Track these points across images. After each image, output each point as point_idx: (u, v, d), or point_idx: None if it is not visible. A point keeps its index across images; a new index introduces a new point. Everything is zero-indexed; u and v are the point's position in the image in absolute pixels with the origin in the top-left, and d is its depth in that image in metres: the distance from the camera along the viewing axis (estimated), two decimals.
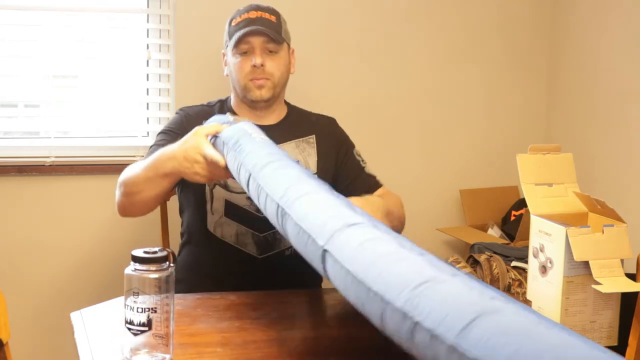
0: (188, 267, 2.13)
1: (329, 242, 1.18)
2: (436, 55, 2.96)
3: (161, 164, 1.81)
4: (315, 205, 1.31)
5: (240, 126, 1.73)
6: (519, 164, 1.86)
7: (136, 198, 1.91)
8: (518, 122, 3.08)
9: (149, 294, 1.35)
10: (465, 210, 2.95)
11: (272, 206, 1.40)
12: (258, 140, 1.64)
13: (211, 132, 1.76)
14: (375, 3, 2.86)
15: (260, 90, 2.10)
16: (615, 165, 2.75)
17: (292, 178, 1.43)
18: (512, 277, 2.30)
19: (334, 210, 1.27)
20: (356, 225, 1.18)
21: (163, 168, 1.80)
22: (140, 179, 1.87)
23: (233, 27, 2.13)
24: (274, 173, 1.47)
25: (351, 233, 1.18)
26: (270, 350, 1.48)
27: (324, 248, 1.18)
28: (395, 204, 2.09)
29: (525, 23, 3.05)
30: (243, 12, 2.14)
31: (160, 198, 1.94)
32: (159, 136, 2.13)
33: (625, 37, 2.70)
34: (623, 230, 1.72)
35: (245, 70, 2.09)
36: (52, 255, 2.61)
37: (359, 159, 2.21)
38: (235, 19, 2.14)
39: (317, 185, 1.41)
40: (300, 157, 2.14)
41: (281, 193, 1.38)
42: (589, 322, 1.73)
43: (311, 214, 1.28)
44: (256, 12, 2.12)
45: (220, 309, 1.72)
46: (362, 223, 1.19)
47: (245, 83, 2.10)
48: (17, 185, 2.56)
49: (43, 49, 2.56)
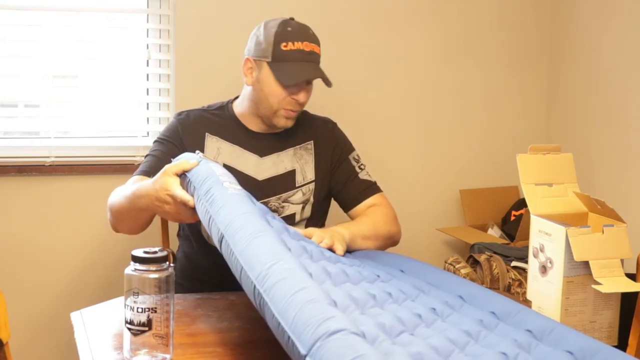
0: (184, 272, 2.13)
1: (311, 352, 1.13)
2: (436, 56, 2.96)
3: (137, 199, 1.82)
4: (293, 293, 1.24)
5: (210, 168, 1.69)
6: (519, 164, 1.86)
7: (122, 223, 1.97)
8: (518, 122, 3.08)
9: (149, 294, 1.35)
10: (465, 210, 2.95)
11: (248, 282, 1.34)
12: (230, 192, 1.59)
13: (179, 170, 1.73)
14: (376, 3, 2.86)
15: (288, 120, 2.08)
16: (615, 165, 2.75)
17: (267, 253, 1.36)
18: (512, 277, 2.30)
19: (313, 306, 1.20)
20: (339, 333, 1.13)
21: (139, 204, 1.82)
22: (122, 208, 1.91)
23: (283, 52, 2.02)
24: (250, 243, 1.40)
25: (333, 345, 1.12)
26: (270, 350, 1.48)
27: (305, 358, 1.13)
28: (378, 221, 2.07)
29: (525, 23, 3.05)
30: (295, 39, 2.04)
31: (144, 225, 1.97)
32: (154, 145, 2.12)
33: (625, 37, 2.70)
34: (623, 230, 1.72)
35: (285, 99, 2.04)
36: (52, 255, 2.61)
37: (355, 164, 2.19)
38: (285, 43, 2.03)
39: (292, 258, 1.36)
40: (297, 165, 2.13)
41: (258, 272, 1.32)
42: (589, 322, 1.73)
43: (291, 309, 1.21)
44: (310, 43, 2.06)
45: (220, 309, 1.72)
46: (343, 330, 1.14)
47: (278, 109, 2.06)
48: (17, 185, 2.56)
49: (43, 49, 2.56)
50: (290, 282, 1.27)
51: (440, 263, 2.52)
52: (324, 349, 1.11)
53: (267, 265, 1.32)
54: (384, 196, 2.17)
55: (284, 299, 1.24)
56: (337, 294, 1.41)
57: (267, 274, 1.30)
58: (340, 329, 1.14)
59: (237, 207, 1.54)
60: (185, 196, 1.68)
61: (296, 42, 2.03)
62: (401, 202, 2.56)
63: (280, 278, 1.28)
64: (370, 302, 1.46)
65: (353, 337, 1.13)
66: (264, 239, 1.41)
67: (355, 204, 2.15)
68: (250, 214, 1.51)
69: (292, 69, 2.02)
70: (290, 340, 1.18)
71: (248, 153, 2.11)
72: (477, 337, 1.39)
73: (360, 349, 1.10)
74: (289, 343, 1.19)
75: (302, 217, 2.12)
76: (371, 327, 1.32)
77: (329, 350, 1.11)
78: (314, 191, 2.13)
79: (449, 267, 2.40)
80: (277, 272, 1.30)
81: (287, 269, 1.31)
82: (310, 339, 1.14)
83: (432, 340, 1.32)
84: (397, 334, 1.34)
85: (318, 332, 1.14)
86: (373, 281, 1.61)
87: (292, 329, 1.18)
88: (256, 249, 1.38)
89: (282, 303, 1.23)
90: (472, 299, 1.56)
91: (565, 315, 1.70)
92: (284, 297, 1.24)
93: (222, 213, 1.51)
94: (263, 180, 2.09)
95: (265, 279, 1.29)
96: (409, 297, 1.55)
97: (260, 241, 1.40)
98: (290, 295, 1.23)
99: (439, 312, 1.48)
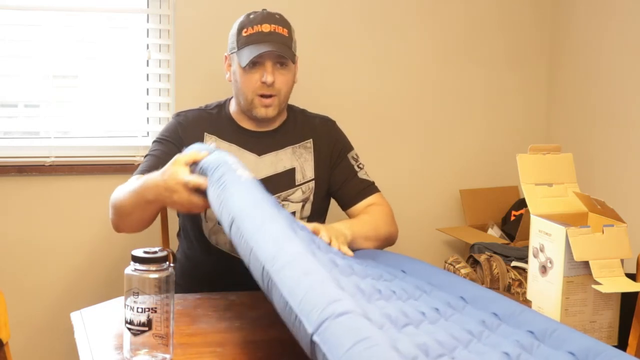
0: (184, 272, 2.13)
1: (318, 331, 1.13)
2: (436, 55, 2.96)
3: (145, 191, 1.81)
4: (303, 275, 1.25)
5: (223, 157, 1.69)
6: (519, 164, 1.86)
7: (126, 219, 1.93)
8: (518, 122, 3.08)
9: (149, 294, 1.35)
10: (465, 210, 2.95)
11: (257, 264, 1.34)
12: (243, 179, 1.60)
13: (190, 160, 1.73)
14: (376, 3, 2.86)
15: (266, 109, 2.07)
16: (615, 165, 2.75)
17: (278, 236, 1.37)
18: (512, 277, 2.30)
19: (322, 288, 1.22)
20: (348, 315, 1.14)
21: (146, 196, 1.81)
22: (127, 202, 1.88)
23: (244, 38, 2.06)
24: (261, 227, 1.41)
25: (340, 326, 1.12)
26: (270, 350, 1.48)
27: (312, 337, 1.14)
28: (379, 221, 2.08)
29: (525, 23, 3.05)
30: (255, 23, 2.06)
31: (149, 220, 1.94)
32: (153, 145, 2.12)
33: (625, 37, 2.70)
34: (623, 230, 1.72)
35: (254, 84, 2.05)
36: (52, 255, 2.61)
37: (354, 162, 2.19)
38: (246, 29, 2.06)
39: (302, 243, 1.37)
40: (297, 163, 2.13)
41: (268, 254, 1.33)
42: (589, 322, 1.73)
43: (300, 289, 1.22)
44: (269, 25, 2.06)
45: (220, 309, 1.72)
46: (352, 312, 1.14)
47: (252, 98, 2.06)
48: (17, 185, 2.56)
49: (43, 49, 2.56)
50: (300, 264, 1.28)
51: (440, 263, 2.52)
52: (331, 329, 1.12)
53: (277, 247, 1.33)
54: (382, 196, 2.17)
55: (293, 279, 1.25)
56: (345, 282, 1.42)
57: (276, 255, 1.31)
58: (349, 310, 1.14)
59: (249, 193, 1.55)
60: (199, 179, 1.67)
61: (255, 26, 2.06)
62: (401, 202, 2.56)
63: (291, 259, 1.29)
64: (376, 295, 1.47)
65: (361, 320, 1.14)
66: (275, 224, 1.42)
67: (354, 203, 2.15)
68: (262, 201, 1.53)
69: (250, 50, 2.04)
70: (297, 319, 1.19)
71: (246, 152, 2.11)
72: (480, 336, 1.39)
73: (367, 331, 1.11)
74: (296, 322, 1.19)
75: (302, 216, 2.12)
76: (378, 315, 1.33)
77: (337, 331, 1.11)
78: (313, 189, 2.13)
79: (449, 267, 2.40)
80: (288, 254, 1.31)
81: (298, 252, 1.32)
82: (317, 319, 1.14)
83: (437, 335, 1.33)
84: (403, 326, 1.34)
85: (326, 312, 1.14)
86: (378, 279, 1.62)
87: (300, 308, 1.19)
88: (267, 232, 1.39)
89: (291, 283, 1.24)
90: (474, 300, 1.56)
91: (565, 315, 1.70)
92: (293, 278, 1.25)
93: (234, 198, 1.52)
94: (262, 179, 2.09)
95: (274, 260, 1.30)
96: (412, 297, 1.56)
97: (272, 226, 1.41)
98: (299, 277, 1.24)
99: (441, 312, 1.49)
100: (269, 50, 2.02)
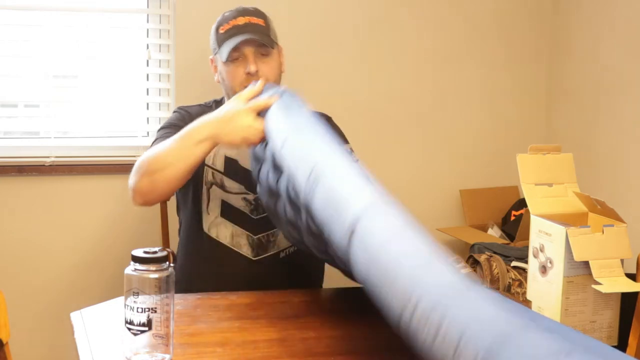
0: (184, 272, 2.13)
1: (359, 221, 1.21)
2: (436, 55, 2.96)
3: (194, 133, 1.82)
4: (348, 177, 1.36)
5: (297, 100, 1.75)
6: (519, 164, 1.86)
7: (160, 176, 1.84)
8: (518, 122, 3.08)
9: (149, 294, 1.35)
10: (465, 210, 2.95)
11: (305, 168, 1.42)
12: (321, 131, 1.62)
13: (257, 107, 1.78)
14: (376, 3, 2.86)
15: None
16: (615, 165, 2.75)
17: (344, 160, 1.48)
18: (512, 277, 2.30)
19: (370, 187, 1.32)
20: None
21: (196, 136, 1.81)
22: (168, 151, 1.84)
23: (221, 35, 2.09)
24: (327, 151, 1.50)
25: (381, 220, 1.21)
26: (270, 350, 1.48)
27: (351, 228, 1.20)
28: None
29: (525, 23, 3.05)
30: (230, 19, 2.10)
31: (187, 173, 1.85)
32: (160, 131, 2.09)
33: (625, 36, 2.70)
34: (623, 230, 1.72)
35: (239, 77, 2.06)
36: (52, 255, 2.61)
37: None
38: (222, 26, 2.10)
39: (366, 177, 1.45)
40: None
41: (314, 163, 1.42)
42: (589, 322, 1.73)
43: (345, 183, 1.34)
44: (244, 17, 2.08)
45: (220, 309, 1.72)
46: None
47: (239, 91, 2.05)
48: (17, 185, 2.56)
49: (43, 49, 2.56)
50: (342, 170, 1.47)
51: None
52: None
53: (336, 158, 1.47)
54: None
55: (338, 180, 1.43)
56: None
57: (320, 161, 1.44)
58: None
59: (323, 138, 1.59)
60: (261, 99, 1.77)
61: (230, 21, 2.09)
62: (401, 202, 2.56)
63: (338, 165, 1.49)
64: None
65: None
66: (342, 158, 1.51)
67: None
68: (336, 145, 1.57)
69: (228, 44, 2.06)
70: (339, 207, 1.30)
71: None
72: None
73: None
74: (338, 207, 1.31)
75: None
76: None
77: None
78: None
79: None
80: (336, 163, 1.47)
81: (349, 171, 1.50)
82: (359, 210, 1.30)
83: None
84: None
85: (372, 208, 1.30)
86: None
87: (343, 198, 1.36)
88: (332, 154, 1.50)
89: (335, 182, 1.42)
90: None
91: (565, 315, 1.70)
92: (338, 179, 1.44)
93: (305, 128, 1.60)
94: None
95: (319, 165, 1.42)
96: None
97: (338, 158, 1.50)
98: (344, 177, 1.46)
99: None
100: (245, 38, 2.04)
